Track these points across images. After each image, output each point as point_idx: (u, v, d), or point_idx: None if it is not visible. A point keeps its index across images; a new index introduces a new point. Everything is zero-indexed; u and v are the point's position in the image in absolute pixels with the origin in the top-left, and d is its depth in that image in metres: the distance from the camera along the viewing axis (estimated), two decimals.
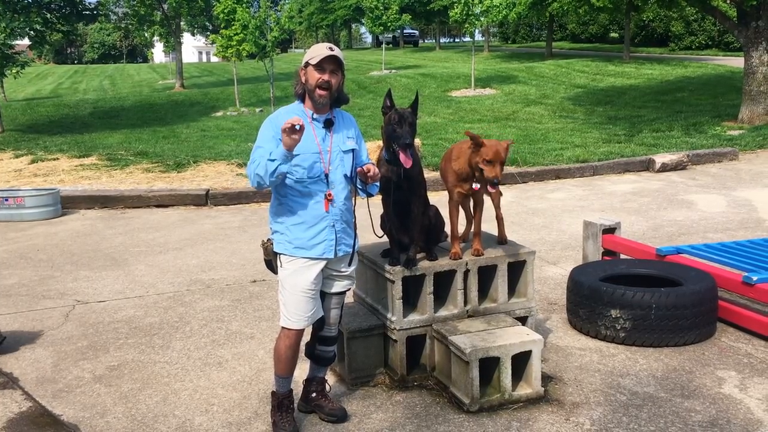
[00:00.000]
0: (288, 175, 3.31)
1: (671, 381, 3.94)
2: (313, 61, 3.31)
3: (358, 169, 3.44)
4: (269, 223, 3.51)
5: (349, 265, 3.56)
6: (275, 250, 3.44)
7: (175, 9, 28.11)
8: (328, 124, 3.43)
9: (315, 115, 3.42)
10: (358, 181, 3.48)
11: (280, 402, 3.53)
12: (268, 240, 3.49)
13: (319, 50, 3.33)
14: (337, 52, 3.33)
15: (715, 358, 4.24)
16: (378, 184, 3.56)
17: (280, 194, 3.41)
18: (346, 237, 3.50)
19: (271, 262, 3.51)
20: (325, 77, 3.32)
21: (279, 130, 3.29)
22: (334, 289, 3.57)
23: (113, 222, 8.59)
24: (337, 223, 3.43)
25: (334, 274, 3.53)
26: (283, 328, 3.46)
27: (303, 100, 3.45)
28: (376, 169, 3.43)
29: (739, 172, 10.65)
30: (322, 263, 3.43)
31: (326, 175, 3.39)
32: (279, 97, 22.41)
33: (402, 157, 3.63)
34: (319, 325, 3.60)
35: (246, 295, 5.66)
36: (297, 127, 3.08)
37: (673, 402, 3.70)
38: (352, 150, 3.51)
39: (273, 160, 3.18)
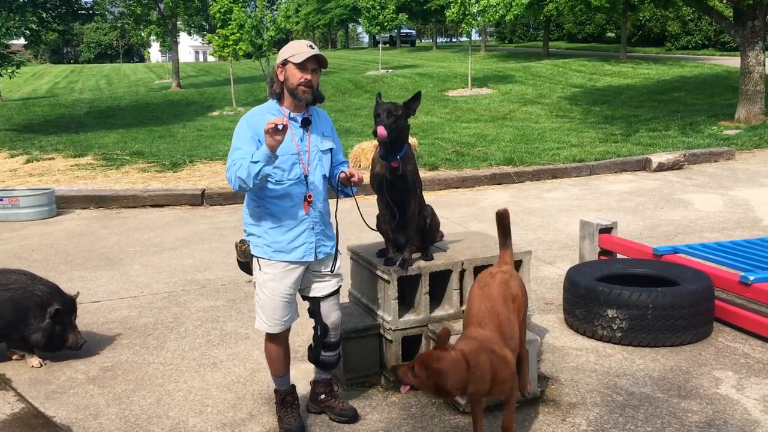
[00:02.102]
0: (267, 178, 3.25)
1: (668, 381, 3.93)
2: (295, 60, 3.22)
3: (341, 175, 3.38)
4: (244, 225, 3.42)
5: (332, 270, 3.49)
6: (253, 253, 3.35)
7: (171, 9, 28.04)
8: (306, 123, 3.36)
9: (292, 114, 3.33)
10: (338, 183, 3.43)
11: (283, 399, 3.52)
12: (243, 242, 3.38)
13: (300, 48, 3.26)
14: (317, 50, 3.28)
15: (712, 359, 4.22)
16: (356, 187, 3.47)
17: (258, 196, 3.32)
18: (326, 239, 3.44)
19: (247, 264, 3.40)
20: (308, 76, 3.25)
21: (257, 131, 3.20)
22: (326, 291, 3.50)
23: (108, 222, 8.55)
24: (316, 225, 3.38)
25: (319, 277, 3.47)
26: (266, 333, 3.44)
27: (279, 99, 3.36)
28: (360, 174, 3.39)
29: (735, 172, 10.65)
30: (303, 267, 3.38)
31: (305, 176, 3.32)
32: None
33: (379, 129, 3.52)
34: (322, 332, 3.54)
35: (241, 296, 5.63)
36: (280, 127, 3.00)
37: (670, 402, 3.68)
38: (330, 149, 3.45)
39: (256, 162, 3.09)
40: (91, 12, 22.23)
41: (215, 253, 6.98)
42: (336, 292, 3.56)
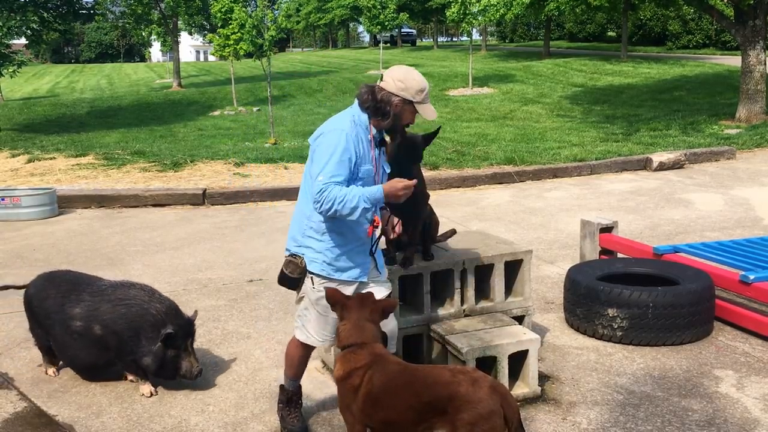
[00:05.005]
0: None
1: (668, 380, 3.94)
2: (425, 114, 3.22)
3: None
4: (298, 236, 3.26)
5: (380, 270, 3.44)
6: (311, 269, 3.22)
7: (172, 8, 28.05)
8: (382, 144, 3.28)
9: (374, 132, 3.24)
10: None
11: (290, 398, 3.50)
12: (296, 255, 3.24)
13: (427, 98, 3.24)
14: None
15: (713, 357, 4.23)
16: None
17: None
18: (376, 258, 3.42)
19: (297, 280, 3.26)
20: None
21: (356, 150, 3.12)
22: (379, 296, 3.32)
23: (110, 221, 8.57)
24: (374, 247, 3.33)
25: (372, 282, 3.39)
26: (299, 340, 3.37)
27: (370, 114, 3.22)
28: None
29: (736, 171, 10.65)
30: (356, 285, 3.30)
31: None
32: (276, 96, 22.36)
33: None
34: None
35: (243, 295, 5.65)
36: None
37: (671, 401, 3.69)
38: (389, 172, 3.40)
39: (368, 208, 3.06)
40: (92, 12, 22.25)
41: (216, 252, 7.00)
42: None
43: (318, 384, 4.00)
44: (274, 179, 10.31)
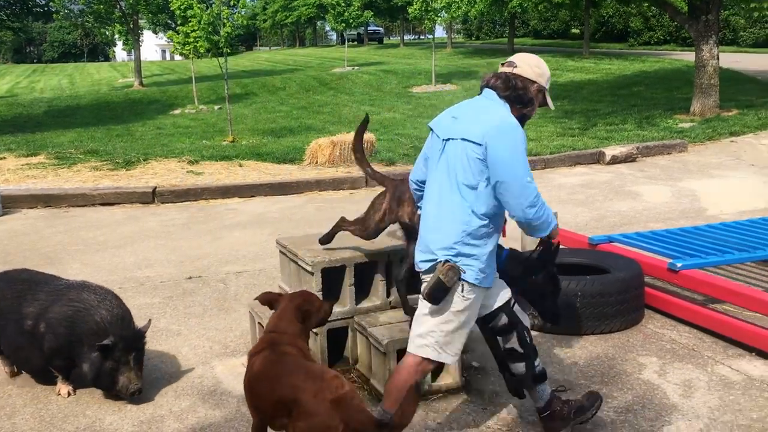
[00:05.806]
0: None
1: (592, 368, 3.96)
2: (549, 102, 3.05)
3: None
4: (460, 245, 2.88)
5: None
6: (468, 279, 2.90)
7: (132, 6, 27.64)
8: None
9: None
10: None
11: None
12: (450, 264, 2.87)
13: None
14: None
15: (639, 345, 4.26)
16: None
17: (488, 214, 2.91)
18: None
19: (447, 290, 2.89)
20: None
21: None
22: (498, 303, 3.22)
23: (54, 221, 8.39)
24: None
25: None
26: (426, 360, 3.00)
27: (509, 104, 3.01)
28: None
29: (686, 164, 10.80)
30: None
31: None
32: (239, 95, 22.17)
33: None
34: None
35: (179, 292, 5.56)
36: None
37: (592, 389, 3.70)
38: None
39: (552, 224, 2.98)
40: (46, 10, 21.84)
41: (160, 250, 6.89)
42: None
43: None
44: (227, 176, 10.21)
